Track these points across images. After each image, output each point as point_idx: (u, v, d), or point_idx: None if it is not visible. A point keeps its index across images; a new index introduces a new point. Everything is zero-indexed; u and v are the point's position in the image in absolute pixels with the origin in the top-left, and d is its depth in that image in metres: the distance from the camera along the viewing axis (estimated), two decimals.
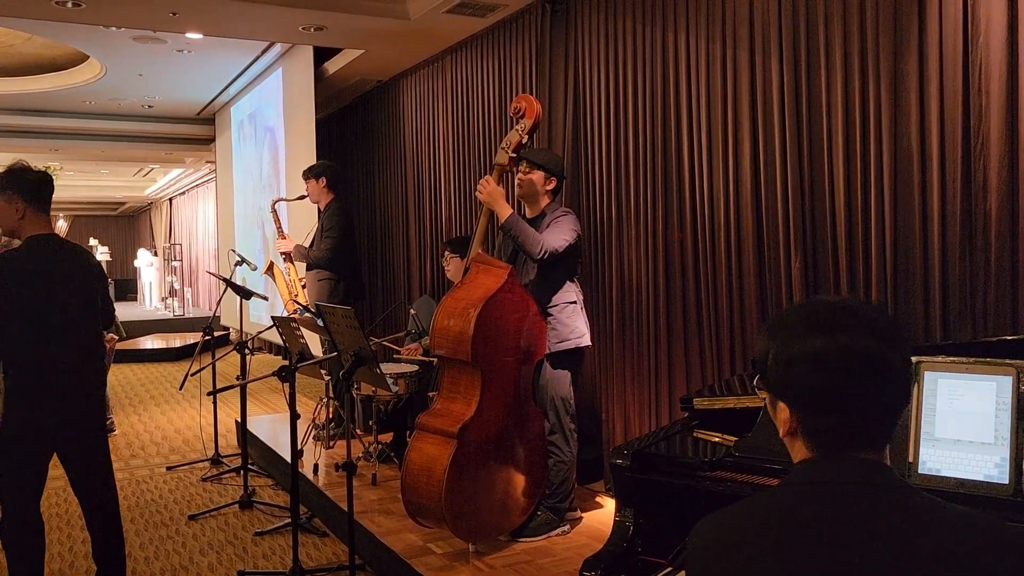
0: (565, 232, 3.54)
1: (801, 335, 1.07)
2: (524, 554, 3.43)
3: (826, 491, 1.04)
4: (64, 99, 9.72)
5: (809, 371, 1.05)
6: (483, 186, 3.54)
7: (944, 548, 0.97)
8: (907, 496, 1.03)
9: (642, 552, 1.94)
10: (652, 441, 2.10)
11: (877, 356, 1.03)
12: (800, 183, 3.45)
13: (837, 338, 1.04)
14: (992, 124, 2.77)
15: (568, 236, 3.54)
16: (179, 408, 7.64)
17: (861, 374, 1.03)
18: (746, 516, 1.09)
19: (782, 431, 1.12)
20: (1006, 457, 1.62)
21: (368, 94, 7.76)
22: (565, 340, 3.61)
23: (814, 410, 1.07)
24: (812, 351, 1.05)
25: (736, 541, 1.06)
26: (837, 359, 1.03)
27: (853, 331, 1.04)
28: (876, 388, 1.04)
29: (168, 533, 4.26)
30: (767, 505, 1.09)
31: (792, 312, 1.12)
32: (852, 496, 1.03)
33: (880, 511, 1.01)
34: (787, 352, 1.08)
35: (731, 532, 1.08)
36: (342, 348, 3.42)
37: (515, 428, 3.46)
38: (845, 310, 1.07)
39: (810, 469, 1.08)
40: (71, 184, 18.96)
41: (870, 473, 1.04)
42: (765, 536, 1.04)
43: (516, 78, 5.31)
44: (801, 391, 1.07)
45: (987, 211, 2.80)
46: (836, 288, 3.33)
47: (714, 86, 3.85)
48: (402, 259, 7.18)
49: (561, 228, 3.55)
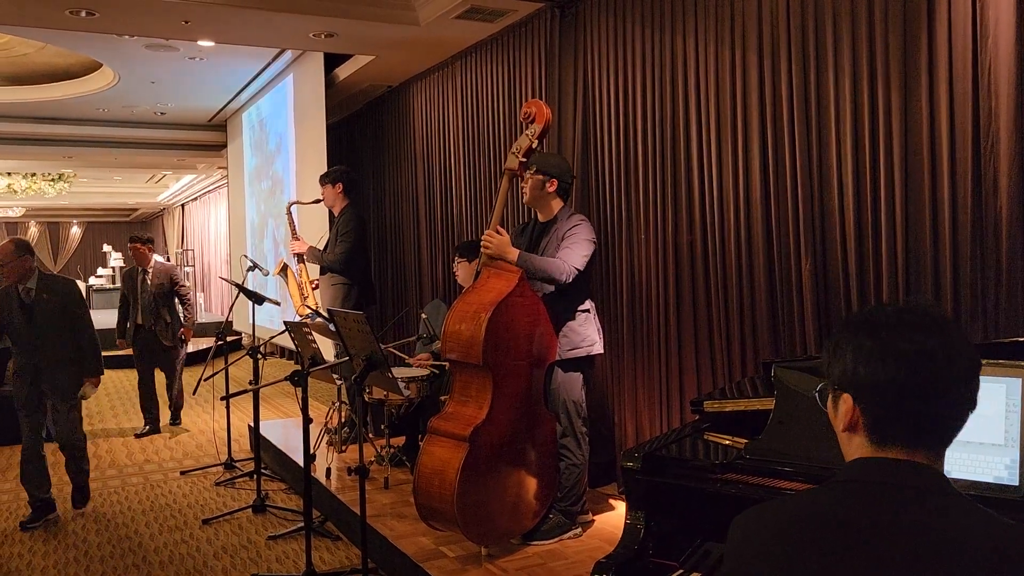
0: (583, 247, 3.52)
1: (872, 329, 1.08)
2: (536, 557, 3.44)
3: (879, 493, 1.04)
4: (77, 107, 9.80)
5: (879, 362, 1.06)
6: (488, 242, 3.45)
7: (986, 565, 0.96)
8: (959, 507, 1.02)
9: (653, 555, 1.95)
10: (663, 444, 2.11)
11: (945, 352, 1.04)
12: (810, 185, 3.45)
13: (907, 333, 1.05)
14: (1002, 125, 2.77)
15: (587, 251, 3.52)
16: (193, 413, 7.69)
17: (930, 367, 1.04)
18: (792, 510, 1.08)
19: (841, 425, 1.11)
20: (1016, 459, 1.62)
21: (378, 99, 7.79)
22: (577, 348, 3.62)
23: (880, 401, 1.07)
24: (883, 342, 1.06)
25: (779, 534, 1.05)
26: (907, 351, 1.04)
27: (923, 327, 1.06)
28: (943, 382, 1.04)
29: (182, 537, 4.29)
30: (816, 500, 1.08)
31: (862, 312, 1.13)
32: (904, 501, 1.02)
33: (930, 521, 1.00)
34: (856, 344, 1.09)
35: (775, 525, 1.07)
36: (354, 352, 3.44)
37: (526, 431, 3.47)
38: (914, 310, 1.08)
39: (865, 467, 1.08)
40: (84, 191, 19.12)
41: (925, 479, 1.04)
42: (810, 531, 1.03)
43: (526, 83, 5.33)
44: (869, 381, 1.07)
45: (997, 212, 2.80)
46: (846, 291, 3.32)
47: (723, 89, 3.85)
48: (413, 263, 7.21)
49: (579, 242, 3.52)
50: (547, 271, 3.43)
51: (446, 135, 6.47)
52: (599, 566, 1.90)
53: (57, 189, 16.12)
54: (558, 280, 3.43)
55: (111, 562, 3.97)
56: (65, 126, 10.59)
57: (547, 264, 3.44)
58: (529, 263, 3.43)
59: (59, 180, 15.66)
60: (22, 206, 21.28)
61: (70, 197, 19.50)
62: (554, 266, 3.44)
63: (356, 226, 5.47)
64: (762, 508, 1.11)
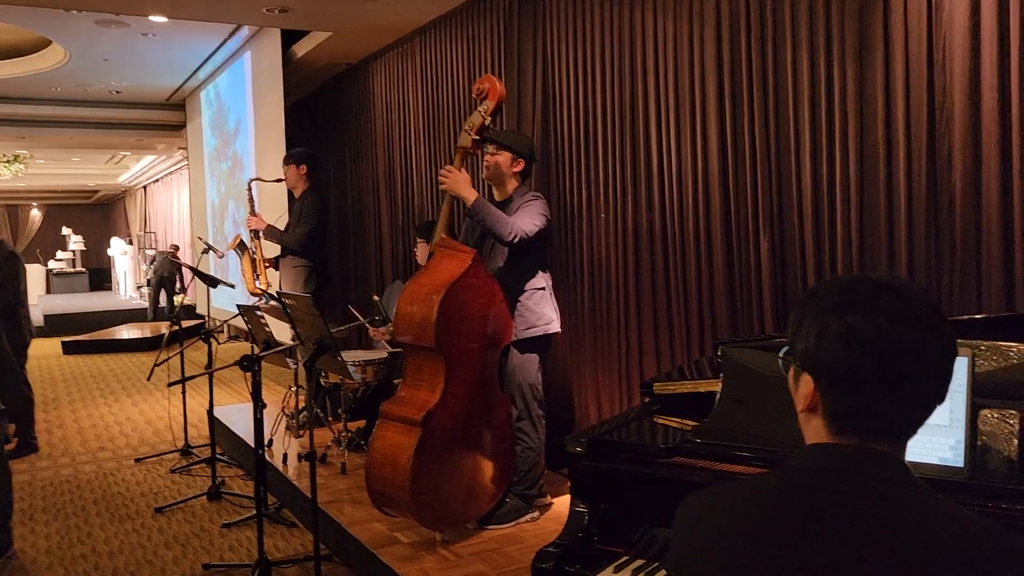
0: (535, 216, 3.48)
1: (840, 308, 0.99)
2: (492, 542, 3.39)
3: (834, 481, 0.98)
4: (29, 85, 9.51)
5: (842, 347, 0.98)
6: (445, 175, 3.46)
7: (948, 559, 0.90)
8: (920, 499, 0.96)
9: (599, 541, 1.90)
10: (610, 428, 2.06)
11: (916, 343, 0.96)
12: (767, 163, 3.41)
13: (877, 317, 0.97)
14: (956, 101, 2.73)
15: (538, 220, 3.47)
16: (151, 399, 7.54)
17: (896, 359, 0.96)
18: (743, 498, 1.02)
19: (801, 406, 1.05)
20: (961, 440, 1.58)
21: (338, 77, 7.64)
22: (533, 327, 3.56)
23: (839, 388, 0.99)
24: (849, 326, 0.97)
25: (729, 525, 0.99)
26: (874, 339, 0.96)
27: (895, 313, 0.97)
28: (909, 377, 0.96)
29: (133, 526, 4.19)
30: (769, 488, 1.01)
31: (834, 283, 1.04)
32: (860, 491, 0.96)
33: (889, 513, 0.94)
34: (819, 323, 1.00)
35: (725, 515, 1.01)
36: (305, 336, 3.35)
37: (481, 415, 3.41)
38: (890, 290, 0.99)
39: (821, 454, 1.01)
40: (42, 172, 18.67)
41: (885, 469, 0.98)
42: (761, 523, 0.97)
43: (485, 60, 5.22)
44: (830, 366, 0.99)
45: (952, 189, 2.77)
46: (803, 269, 3.30)
47: (681, 64, 3.79)
48: (374, 244, 7.10)
49: (531, 212, 3.49)
50: (496, 223, 3.37)
51: (406, 113, 6.35)
52: (541, 555, 1.85)
53: (13, 171, 15.70)
54: (503, 236, 3.37)
55: (57, 553, 3.87)
56: (17, 105, 10.28)
57: (499, 217, 3.39)
58: (484, 208, 3.38)
59: (15, 161, 15.25)
60: None
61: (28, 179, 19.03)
62: (504, 221, 3.38)
63: (319, 209, 5.39)
64: (711, 494, 1.05)
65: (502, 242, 3.41)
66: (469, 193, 3.40)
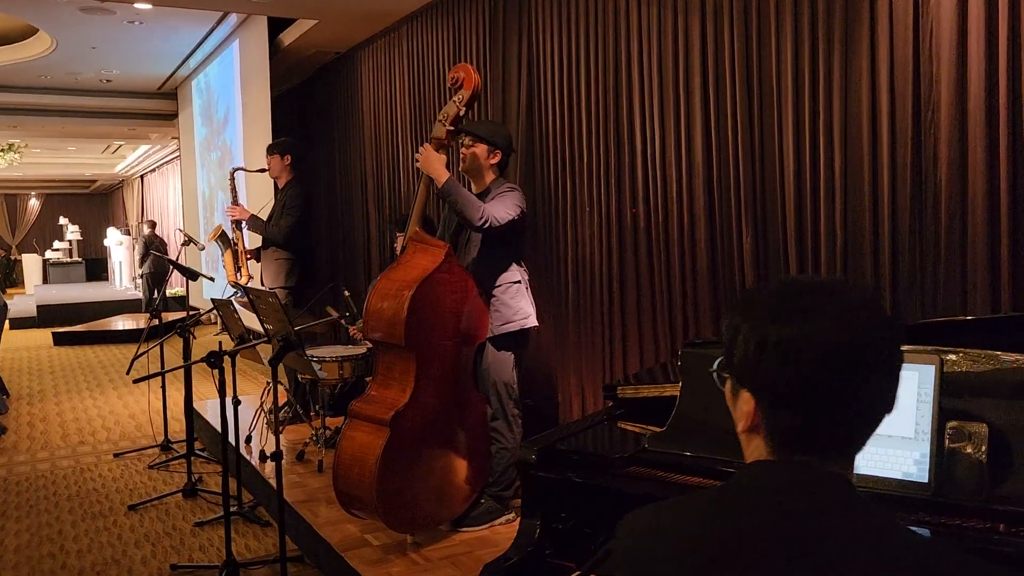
0: (510, 207, 3.38)
1: (772, 318, 0.91)
2: (464, 545, 3.30)
3: (778, 502, 0.90)
4: (18, 73, 9.41)
5: (777, 361, 0.90)
6: (419, 155, 3.37)
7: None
8: (865, 520, 0.88)
9: (552, 555, 1.80)
10: (565, 434, 1.96)
11: (852, 352, 0.88)
12: (751, 155, 3.31)
13: (808, 326, 0.89)
14: (943, 92, 2.63)
15: (512, 211, 3.38)
16: (137, 392, 7.45)
17: (832, 371, 0.88)
18: (686, 516, 0.95)
19: (742, 425, 0.97)
20: (926, 453, 1.49)
21: (327, 67, 7.53)
22: (509, 322, 3.47)
23: (779, 406, 0.92)
24: (781, 338, 0.90)
25: (669, 543, 0.93)
26: (807, 350, 0.88)
27: (829, 320, 0.89)
28: (848, 389, 0.88)
29: (105, 524, 4.11)
30: (706, 506, 0.95)
31: (766, 290, 0.95)
32: (805, 513, 0.88)
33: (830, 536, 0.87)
34: (757, 336, 0.92)
35: (665, 532, 0.94)
36: (272, 332, 3.26)
37: (454, 414, 3.32)
38: (824, 293, 0.91)
39: (763, 473, 0.94)
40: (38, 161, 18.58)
41: (831, 490, 0.90)
42: (703, 542, 0.90)
43: (470, 49, 5.11)
44: (767, 382, 0.92)
45: (937, 185, 2.67)
46: (785, 264, 3.20)
47: (665, 56, 3.68)
48: (362, 236, 7.00)
49: (506, 202, 3.39)
50: (467, 206, 3.27)
51: (392, 104, 6.24)
52: (487, 569, 1.76)
53: (8, 160, 15.61)
54: (473, 220, 3.26)
55: (26, 551, 3.79)
56: (7, 93, 10.17)
57: (470, 200, 3.29)
58: (455, 190, 3.29)
59: (9, 150, 15.16)
60: None
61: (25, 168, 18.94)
62: (476, 205, 3.28)
63: (303, 201, 5.31)
64: (651, 514, 0.97)
65: (472, 227, 3.30)
66: (442, 173, 3.30)
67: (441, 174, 3.30)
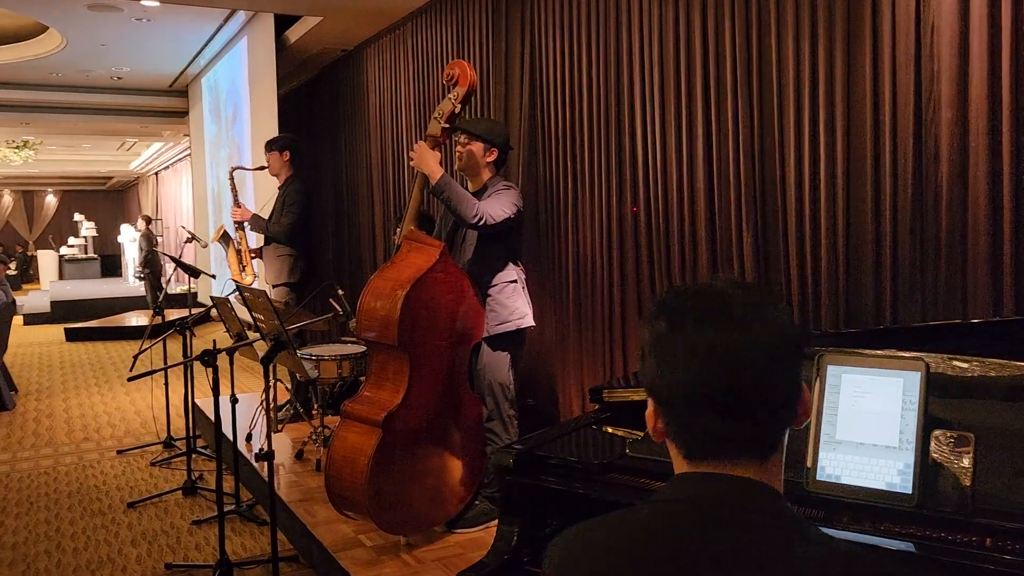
0: (506, 205, 3.34)
1: (666, 327, 0.92)
2: (457, 547, 3.27)
3: (696, 515, 0.89)
4: (30, 71, 9.46)
5: (667, 368, 0.91)
6: (414, 150, 3.33)
7: None
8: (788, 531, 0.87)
9: (529, 562, 1.76)
10: (546, 439, 1.92)
11: (735, 353, 0.87)
12: (752, 155, 3.25)
13: (693, 332, 0.90)
14: (944, 89, 2.56)
15: (508, 209, 3.34)
16: (144, 388, 7.46)
17: (718, 375, 0.88)
18: (613, 532, 0.95)
19: (653, 435, 0.97)
20: (910, 464, 1.43)
21: (334, 64, 7.51)
22: (505, 321, 3.43)
23: (676, 414, 0.92)
24: (669, 345, 0.91)
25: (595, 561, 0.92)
26: (692, 355, 0.89)
27: (713, 323, 0.89)
28: (738, 391, 0.88)
29: (103, 522, 4.11)
30: (637, 520, 0.94)
31: (664, 298, 0.96)
32: (726, 525, 0.87)
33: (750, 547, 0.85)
34: (652, 344, 0.93)
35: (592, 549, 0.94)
36: (265, 332, 3.23)
37: (449, 415, 3.29)
38: (709, 297, 0.92)
39: (681, 484, 0.94)
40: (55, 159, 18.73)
41: (746, 497, 0.89)
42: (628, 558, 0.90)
43: (473, 46, 5.07)
44: (662, 391, 0.92)
45: (938, 184, 2.60)
46: (786, 262, 3.14)
47: (667, 54, 3.62)
48: (368, 233, 6.98)
49: (501, 200, 3.35)
50: (461, 204, 3.23)
51: (397, 100, 6.21)
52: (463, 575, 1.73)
53: (23, 156, 15.74)
54: (467, 218, 3.22)
55: (22, 549, 3.79)
56: (19, 91, 10.24)
57: (464, 197, 3.25)
58: (449, 187, 3.24)
59: (24, 147, 15.27)
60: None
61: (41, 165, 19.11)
62: (470, 202, 3.24)
63: (303, 197, 5.32)
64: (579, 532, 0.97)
65: (466, 224, 3.27)
66: (435, 169, 3.27)
67: (435, 171, 3.26)
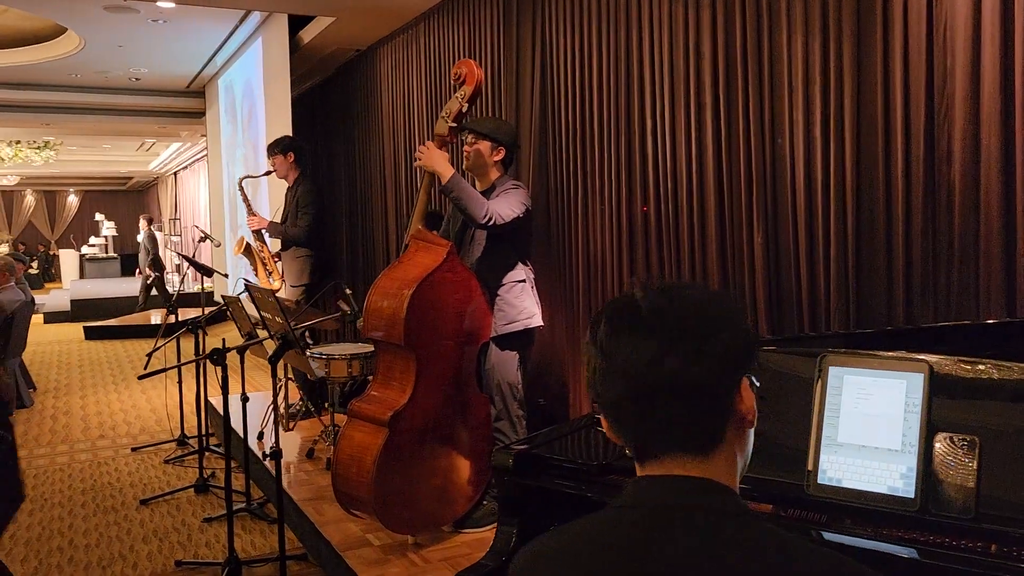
0: (514, 204, 3.33)
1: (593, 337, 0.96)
2: (464, 547, 3.26)
3: (649, 517, 0.90)
4: (50, 72, 9.55)
5: (595, 379, 0.95)
6: (421, 151, 3.32)
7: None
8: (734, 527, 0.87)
9: None
10: (549, 438, 1.90)
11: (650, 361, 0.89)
12: (762, 154, 3.21)
13: (613, 341, 0.92)
14: (957, 86, 2.52)
15: (517, 208, 3.32)
16: (160, 386, 7.52)
17: (637, 382, 0.90)
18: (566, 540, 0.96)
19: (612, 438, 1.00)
20: (913, 467, 1.41)
21: (347, 65, 7.53)
22: (514, 321, 3.41)
23: (611, 420, 0.96)
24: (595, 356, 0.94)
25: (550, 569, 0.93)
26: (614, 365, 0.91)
27: (643, 335, 0.91)
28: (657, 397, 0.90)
29: (116, 519, 4.14)
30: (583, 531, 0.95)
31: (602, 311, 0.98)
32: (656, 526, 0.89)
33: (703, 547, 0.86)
34: (592, 357, 0.96)
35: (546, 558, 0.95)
36: (273, 330, 3.24)
37: (457, 415, 3.28)
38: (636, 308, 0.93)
39: (635, 488, 0.95)
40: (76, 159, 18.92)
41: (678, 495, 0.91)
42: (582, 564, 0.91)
43: (485, 45, 5.07)
44: (604, 400, 0.95)
45: (951, 183, 2.56)
46: (796, 263, 3.10)
47: (677, 52, 3.59)
48: (382, 233, 6.99)
49: (510, 199, 3.34)
50: (471, 203, 3.22)
51: (410, 100, 6.21)
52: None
53: (44, 157, 15.91)
54: (476, 217, 3.22)
55: (35, 545, 3.83)
56: (39, 92, 10.34)
57: (474, 196, 3.24)
58: (459, 186, 3.23)
59: (45, 148, 15.44)
60: (16, 174, 21.09)
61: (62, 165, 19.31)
62: (479, 202, 3.23)
63: (316, 197, 5.33)
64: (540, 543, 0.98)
65: (475, 223, 3.26)
66: (446, 169, 3.26)
67: (446, 170, 3.26)
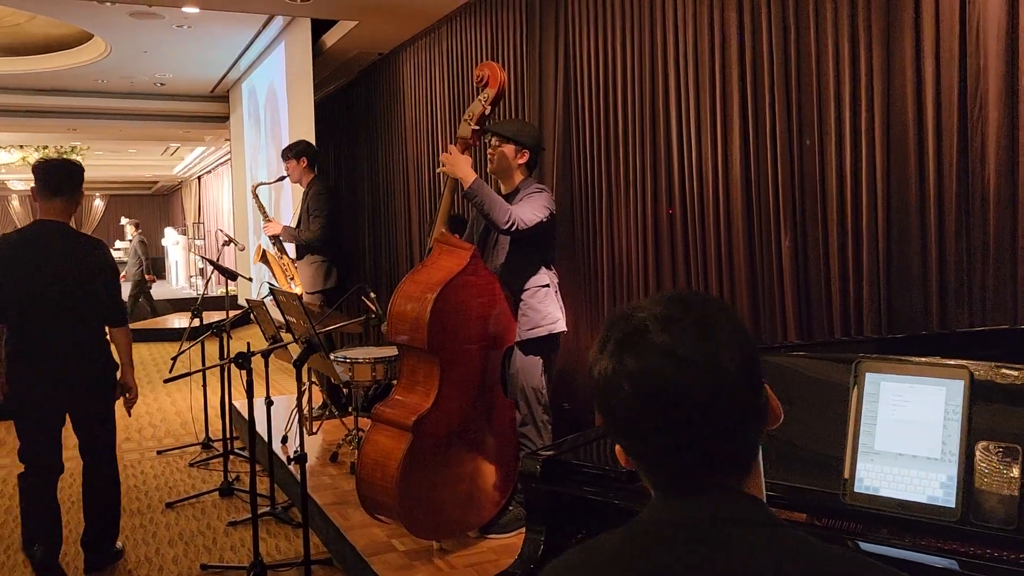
0: (538, 208, 3.31)
1: (600, 351, 0.91)
2: (490, 552, 3.24)
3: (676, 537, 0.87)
4: (76, 78, 9.67)
5: (603, 397, 0.89)
6: (444, 157, 3.32)
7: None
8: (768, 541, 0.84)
9: None
10: (577, 444, 1.88)
11: (667, 380, 0.84)
12: (790, 155, 3.17)
13: (623, 359, 0.87)
14: (991, 87, 2.47)
15: (540, 213, 3.31)
16: (185, 389, 7.56)
17: (652, 402, 0.85)
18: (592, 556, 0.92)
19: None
20: (953, 476, 1.37)
21: (370, 68, 7.55)
22: (537, 326, 3.39)
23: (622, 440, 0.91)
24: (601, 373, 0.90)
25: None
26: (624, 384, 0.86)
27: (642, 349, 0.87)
28: (674, 417, 0.85)
29: (142, 522, 4.17)
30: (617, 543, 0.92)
31: (606, 322, 0.94)
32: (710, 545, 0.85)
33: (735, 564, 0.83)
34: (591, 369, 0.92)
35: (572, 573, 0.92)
36: (297, 335, 3.24)
37: (481, 419, 3.26)
38: (636, 318, 0.89)
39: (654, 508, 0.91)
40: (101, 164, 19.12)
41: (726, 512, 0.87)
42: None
43: (508, 48, 5.05)
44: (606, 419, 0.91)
45: (985, 185, 2.51)
46: (827, 267, 3.06)
47: (702, 53, 3.56)
48: (405, 238, 6.99)
49: (534, 203, 3.33)
50: (493, 208, 3.20)
51: (432, 104, 6.22)
52: None
53: None
54: (499, 223, 3.20)
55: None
56: (66, 97, 10.48)
57: (497, 202, 3.23)
58: (481, 191, 3.22)
59: (71, 153, 15.62)
60: None
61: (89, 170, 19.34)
62: (502, 207, 3.21)
63: (329, 199, 5.33)
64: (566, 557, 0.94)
65: (499, 229, 3.24)
66: (468, 174, 3.25)
67: (468, 175, 3.25)
